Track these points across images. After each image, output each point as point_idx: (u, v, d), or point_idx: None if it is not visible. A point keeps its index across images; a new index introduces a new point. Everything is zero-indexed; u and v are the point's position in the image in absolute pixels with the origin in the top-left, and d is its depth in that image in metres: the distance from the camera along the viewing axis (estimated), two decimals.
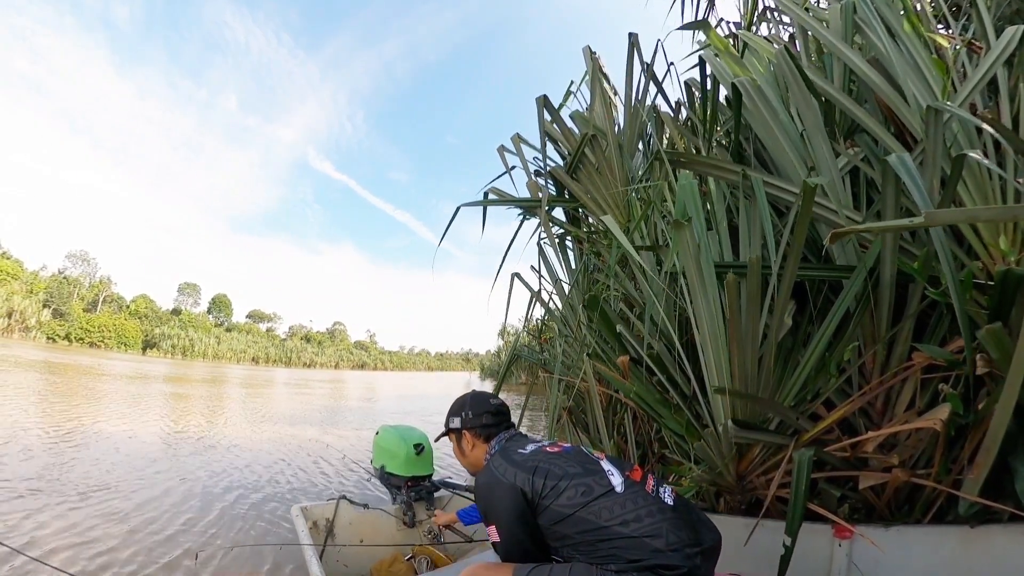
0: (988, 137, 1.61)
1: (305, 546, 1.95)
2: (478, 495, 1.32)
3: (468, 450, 1.51)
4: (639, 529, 1.09)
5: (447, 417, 1.57)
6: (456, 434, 1.54)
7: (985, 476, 1.34)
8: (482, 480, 1.31)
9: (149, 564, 2.89)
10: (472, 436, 1.50)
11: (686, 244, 1.69)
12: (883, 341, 1.62)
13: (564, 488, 1.19)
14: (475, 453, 1.50)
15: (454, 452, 1.58)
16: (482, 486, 1.30)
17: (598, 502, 1.14)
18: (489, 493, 1.27)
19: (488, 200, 3.44)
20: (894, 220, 1.50)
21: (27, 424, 6.63)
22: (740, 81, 1.91)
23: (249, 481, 5.00)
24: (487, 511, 1.27)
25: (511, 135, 3.63)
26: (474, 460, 1.50)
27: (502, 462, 1.30)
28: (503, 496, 1.23)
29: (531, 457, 1.29)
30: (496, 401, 1.56)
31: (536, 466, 1.24)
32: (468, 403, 1.54)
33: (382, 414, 13.26)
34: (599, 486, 1.18)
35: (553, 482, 1.20)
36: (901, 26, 1.86)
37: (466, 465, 1.55)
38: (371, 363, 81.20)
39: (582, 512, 1.14)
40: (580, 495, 1.16)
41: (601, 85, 3.23)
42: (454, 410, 1.56)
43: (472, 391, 1.66)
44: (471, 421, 1.50)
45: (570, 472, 1.22)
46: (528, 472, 1.23)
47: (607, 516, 1.12)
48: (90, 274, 62.65)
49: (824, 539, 1.61)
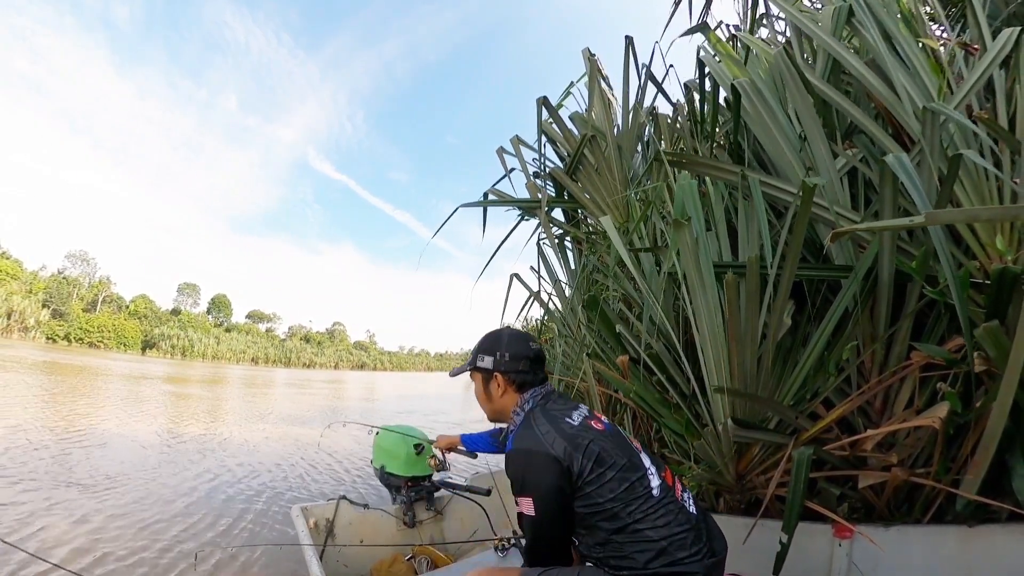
0: (985, 137, 1.62)
1: (305, 546, 1.95)
2: (515, 459, 1.17)
3: (496, 395, 1.33)
4: (667, 536, 1.06)
5: (475, 353, 1.37)
6: (485, 375, 1.35)
7: (983, 475, 1.35)
8: (524, 444, 1.16)
9: (149, 564, 2.89)
10: (505, 381, 1.31)
11: (685, 244, 1.69)
12: (882, 340, 1.63)
13: (609, 478, 1.10)
14: (503, 401, 1.33)
15: (476, 393, 1.40)
16: (523, 451, 1.15)
17: (636, 503, 1.09)
18: (530, 460, 1.13)
19: (488, 201, 3.45)
20: (893, 220, 1.51)
21: (27, 424, 6.62)
22: (739, 82, 1.92)
23: (249, 481, 4.99)
24: (523, 479, 1.14)
25: (511, 136, 3.65)
26: (500, 408, 1.34)
27: (549, 428, 1.16)
28: (547, 467, 1.10)
29: (581, 432, 1.16)
30: (535, 346, 1.36)
31: (587, 444, 1.12)
32: (505, 342, 1.33)
33: (383, 414, 13.26)
34: (640, 486, 1.11)
35: (600, 469, 1.10)
36: (897, 28, 1.87)
37: (489, 411, 1.39)
38: (371, 363, 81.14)
39: (620, 509, 1.08)
40: (623, 491, 1.09)
41: (600, 87, 3.24)
42: (486, 347, 1.35)
43: (508, 327, 1.48)
44: (507, 364, 1.30)
45: (618, 462, 1.12)
46: (578, 449, 1.11)
47: (640, 518, 1.08)
48: (89, 274, 62.65)
49: (824, 539, 1.62)
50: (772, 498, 1.70)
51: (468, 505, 2.59)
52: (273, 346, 68.16)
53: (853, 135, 2.01)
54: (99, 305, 58.69)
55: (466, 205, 3.31)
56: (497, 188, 3.70)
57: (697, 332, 1.82)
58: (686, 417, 2.01)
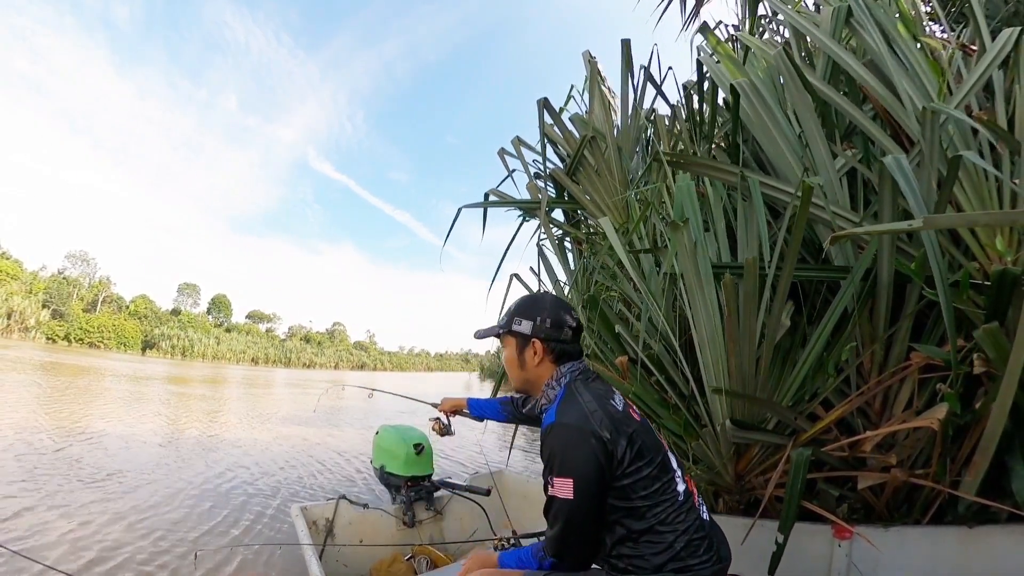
0: (984, 138, 1.62)
1: (305, 546, 1.95)
2: (558, 432, 1.07)
3: (531, 363, 1.22)
4: (684, 542, 1.05)
5: (510, 316, 1.25)
6: (520, 340, 1.23)
7: (983, 476, 1.35)
8: (569, 418, 1.06)
9: (148, 564, 2.89)
10: (543, 349, 1.20)
11: (684, 245, 1.70)
12: (881, 341, 1.63)
13: (644, 475, 1.04)
14: (538, 371, 1.22)
15: (506, 359, 1.27)
16: (569, 426, 1.05)
17: (663, 506, 1.05)
18: (575, 436, 1.03)
19: (488, 202, 3.45)
20: (892, 223, 1.51)
21: (27, 424, 6.62)
22: (738, 83, 1.92)
23: (248, 481, 4.99)
24: (565, 456, 1.03)
25: (511, 136, 3.66)
26: (533, 378, 1.23)
27: (596, 406, 1.07)
28: (593, 449, 1.01)
29: (625, 419, 1.09)
30: (576, 316, 1.27)
31: (630, 433, 1.06)
32: (548, 307, 1.23)
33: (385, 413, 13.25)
34: (669, 488, 1.07)
35: (639, 463, 1.04)
36: (896, 29, 1.87)
37: (518, 380, 1.27)
38: (370, 363, 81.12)
39: (647, 509, 1.04)
40: (654, 490, 1.05)
41: (600, 89, 3.25)
42: (524, 310, 1.24)
43: (549, 293, 1.37)
44: (547, 331, 1.20)
45: (654, 460, 1.07)
46: (623, 436, 1.04)
47: (664, 520, 1.05)
48: (89, 274, 62.65)
49: (824, 539, 1.62)
50: (771, 499, 1.70)
51: (468, 505, 2.59)
52: (273, 346, 68.14)
53: (852, 136, 2.01)
54: (99, 305, 58.71)
55: (468, 206, 3.31)
56: (498, 189, 3.71)
57: (696, 333, 1.82)
58: (684, 418, 2.01)
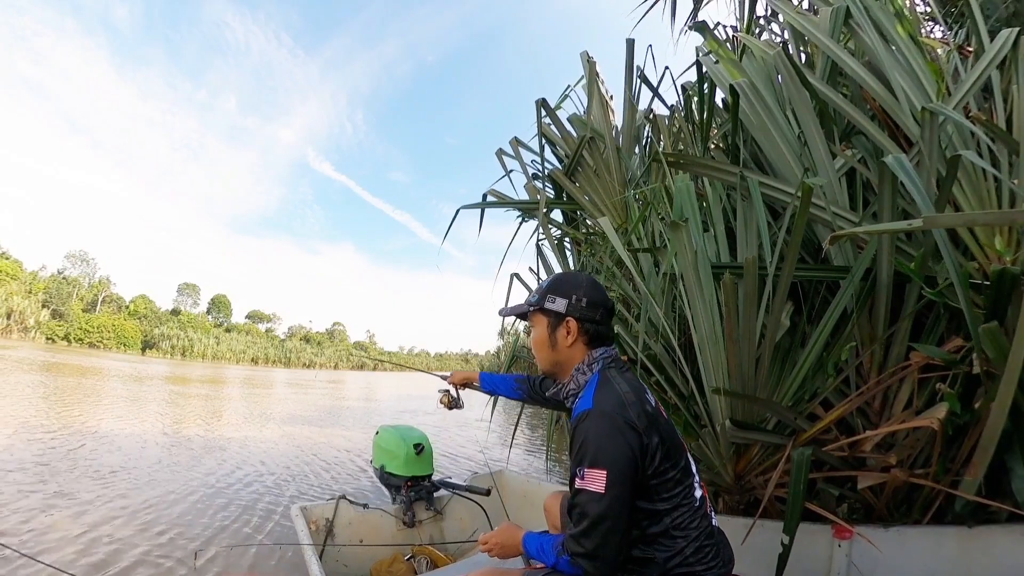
0: (983, 138, 1.62)
1: (305, 546, 1.95)
2: (594, 419, 1.00)
3: (563, 344, 1.14)
4: (694, 548, 1.04)
5: (543, 292, 1.17)
6: (553, 319, 1.15)
7: (983, 475, 1.35)
8: (606, 406, 1.00)
9: (148, 563, 2.89)
10: (578, 329, 1.13)
11: (683, 245, 1.70)
12: (880, 341, 1.63)
13: (669, 477, 1.00)
14: (571, 352, 1.14)
15: (535, 339, 1.18)
16: (606, 414, 0.98)
17: (681, 511, 1.03)
18: (609, 426, 0.96)
19: (487, 203, 3.46)
20: (892, 223, 1.51)
21: (27, 424, 6.62)
22: (738, 83, 1.92)
23: (249, 480, 4.99)
24: (599, 447, 0.96)
25: (510, 137, 3.66)
26: (564, 359, 1.15)
27: (633, 397, 1.01)
28: (628, 441, 0.95)
29: (657, 416, 1.04)
30: (610, 298, 1.20)
31: (661, 432, 1.01)
32: (584, 286, 1.15)
33: (387, 413, 13.26)
34: (688, 493, 1.04)
35: (667, 464, 0.99)
36: (894, 29, 1.87)
37: (547, 361, 1.18)
38: (370, 364, 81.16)
39: (665, 512, 1.01)
40: (675, 494, 1.01)
41: (598, 89, 3.25)
42: (558, 287, 1.16)
43: (584, 272, 1.29)
44: (582, 311, 1.13)
45: (678, 463, 1.03)
46: (656, 434, 0.99)
47: (679, 524, 1.03)
48: (89, 274, 62.65)
49: (824, 539, 1.62)
50: (771, 498, 1.70)
51: (468, 505, 2.59)
52: (273, 346, 68.12)
53: (851, 136, 2.01)
54: (99, 305, 58.69)
55: (466, 207, 3.32)
56: (497, 189, 3.71)
57: (695, 333, 1.82)
58: (684, 418, 2.01)
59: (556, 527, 1.57)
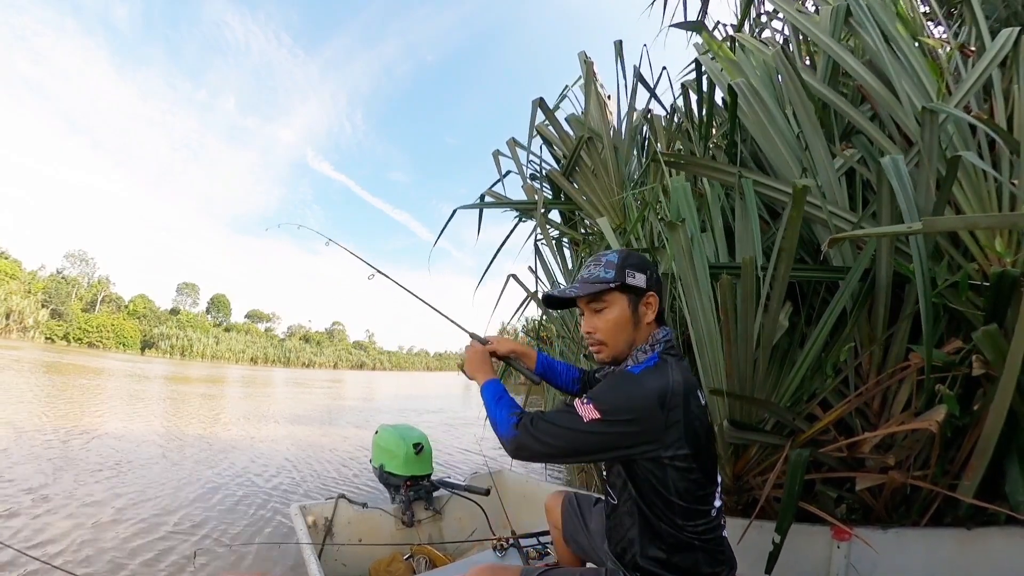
0: (983, 139, 1.62)
1: (304, 545, 1.95)
2: (621, 378, 1.02)
3: (643, 321, 1.09)
4: (705, 550, 1.04)
5: (617, 268, 1.08)
6: (633, 295, 1.08)
7: (980, 478, 1.35)
8: (646, 381, 0.98)
9: (147, 563, 2.88)
10: (657, 304, 1.09)
11: (680, 245, 1.69)
12: (879, 342, 1.63)
13: (692, 479, 1.00)
14: (644, 330, 1.10)
15: (613, 320, 1.09)
16: (638, 383, 0.98)
17: (699, 517, 1.03)
18: (636, 394, 0.96)
19: (485, 203, 3.45)
20: (891, 226, 1.50)
21: (27, 423, 6.62)
22: (736, 83, 1.92)
23: (248, 480, 4.99)
24: (610, 397, 0.97)
25: (510, 136, 3.65)
26: (638, 338, 1.10)
27: (680, 390, 0.98)
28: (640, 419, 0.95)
29: (700, 416, 1.02)
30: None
31: (696, 431, 0.99)
32: (650, 263, 1.13)
33: (388, 413, 13.26)
34: (707, 501, 1.04)
35: (693, 464, 0.99)
36: (895, 28, 1.87)
37: (626, 340, 1.10)
38: (370, 363, 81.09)
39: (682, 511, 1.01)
40: (695, 496, 1.01)
41: (596, 89, 3.24)
42: (634, 263, 1.09)
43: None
44: (658, 285, 1.10)
45: (706, 466, 1.02)
46: (686, 431, 0.97)
47: (695, 530, 1.02)
48: (88, 274, 62.55)
49: (822, 541, 1.62)
50: (769, 499, 1.70)
51: (467, 505, 2.59)
52: (272, 346, 68.06)
53: (851, 135, 2.01)
54: (98, 305, 58.64)
55: (464, 207, 3.31)
56: (495, 190, 3.71)
57: (693, 333, 1.82)
58: None
59: (557, 527, 1.57)
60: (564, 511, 1.54)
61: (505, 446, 1.06)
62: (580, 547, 1.45)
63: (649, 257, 2.28)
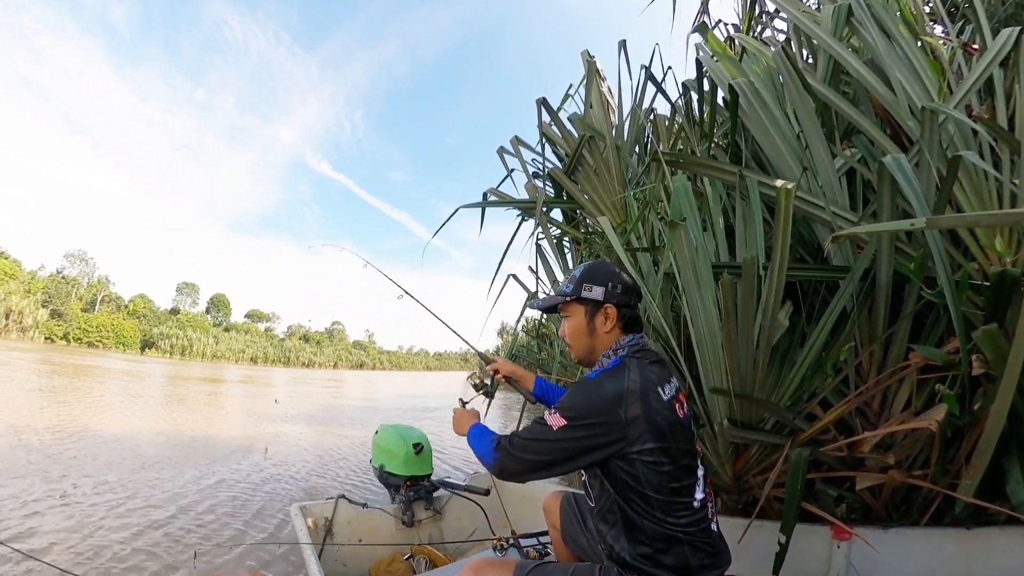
0: (984, 138, 1.62)
1: (304, 545, 1.95)
2: (581, 385, 1.12)
3: (601, 330, 1.19)
4: (691, 543, 1.05)
5: (577, 283, 1.21)
6: (590, 307, 1.19)
7: (981, 478, 1.35)
8: (604, 383, 1.07)
9: (147, 562, 2.89)
10: (616, 315, 1.18)
11: (681, 244, 1.69)
12: (879, 341, 1.63)
13: (664, 470, 1.02)
14: (608, 338, 1.19)
15: (571, 328, 1.23)
16: (597, 386, 1.08)
17: (677, 507, 1.05)
18: (595, 401, 1.04)
19: (486, 201, 3.45)
20: (894, 222, 1.50)
21: (26, 423, 6.62)
22: (737, 83, 1.92)
23: (248, 479, 4.99)
24: (573, 405, 1.06)
25: (510, 136, 3.66)
26: (601, 346, 1.20)
27: (637, 387, 1.05)
28: (603, 425, 1.01)
29: (663, 411, 1.06)
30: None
31: (662, 425, 1.03)
32: (615, 273, 1.21)
33: (390, 413, 13.25)
34: (687, 494, 1.07)
35: (662, 457, 1.02)
36: (897, 28, 1.87)
37: (583, 349, 1.23)
38: (370, 363, 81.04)
39: (659, 505, 1.04)
40: (670, 489, 1.04)
41: (598, 88, 3.24)
42: (592, 276, 1.20)
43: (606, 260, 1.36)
44: (619, 297, 1.18)
45: (680, 461, 1.05)
46: (650, 426, 1.02)
47: (676, 523, 1.04)
48: (88, 274, 62.47)
49: (822, 541, 1.62)
50: (769, 498, 1.70)
51: (467, 505, 2.59)
52: (272, 345, 67.98)
53: (852, 135, 2.01)
54: (98, 305, 58.61)
55: (466, 206, 3.31)
56: (498, 188, 3.71)
57: (693, 332, 1.82)
58: None
59: (556, 527, 1.57)
60: (563, 511, 1.54)
61: (491, 471, 1.17)
62: (579, 547, 1.45)
63: (650, 257, 2.28)
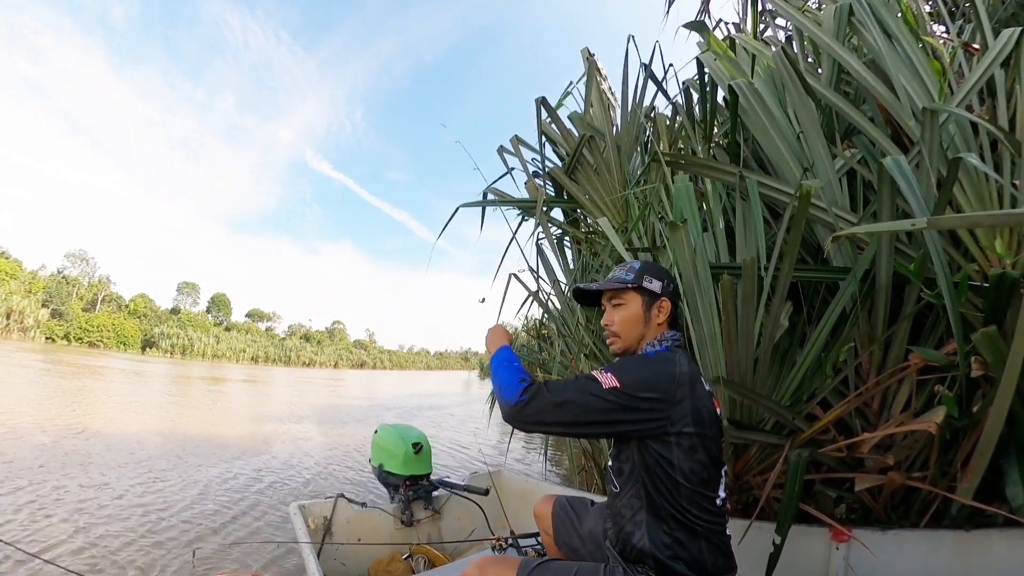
0: (985, 139, 1.61)
1: (303, 544, 1.95)
2: (636, 359, 1.17)
3: (654, 322, 1.23)
4: (709, 539, 1.05)
5: (638, 273, 1.25)
6: (648, 298, 1.24)
7: (979, 479, 1.35)
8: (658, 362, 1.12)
9: (147, 561, 2.89)
10: (670, 308, 1.24)
11: (682, 245, 1.69)
12: (879, 342, 1.63)
13: (696, 458, 1.04)
14: (656, 330, 1.24)
15: (626, 316, 1.24)
16: (652, 362, 1.12)
17: (700, 499, 1.05)
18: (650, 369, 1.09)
19: (487, 201, 3.45)
20: (894, 222, 1.50)
21: (26, 422, 6.63)
22: (737, 83, 1.91)
23: (247, 478, 5.00)
24: (628, 372, 1.06)
25: (510, 135, 3.65)
26: (650, 336, 1.24)
27: (686, 376, 1.09)
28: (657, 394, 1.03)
29: (705, 400, 1.09)
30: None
31: (703, 415, 1.06)
32: (669, 275, 1.28)
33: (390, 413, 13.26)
34: (711, 488, 1.07)
35: (696, 442, 1.04)
36: (897, 27, 1.86)
37: (634, 335, 1.24)
38: (370, 362, 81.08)
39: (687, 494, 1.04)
40: (700, 479, 1.04)
41: (598, 87, 3.24)
42: (653, 271, 1.26)
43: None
44: (672, 295, 1.25)
45: (711, 451, 1.06)
46: (692, 412, 1.04)
47: (697, 514, 1.04)
48: (89, 274, 62.53)
49: (821, 542, 1.61)
50: (768, 499, 1.70)
51: (466, 505, 2.59)
52: (273, 345, 68.01)
53: (852, 135, 2.01)
54: (98, 304, 58.65)
55: (466, 205, 3.31)
56: (497, 188, 3.70)
57: (694, 332, 1.82)
58: None
59: (548, 532, 1.55)
60: (555, 515, 1.53)
61: (507, 411, 1.08)
62: (573, 550, 1.44)
63: (650, 256, 2.28)
